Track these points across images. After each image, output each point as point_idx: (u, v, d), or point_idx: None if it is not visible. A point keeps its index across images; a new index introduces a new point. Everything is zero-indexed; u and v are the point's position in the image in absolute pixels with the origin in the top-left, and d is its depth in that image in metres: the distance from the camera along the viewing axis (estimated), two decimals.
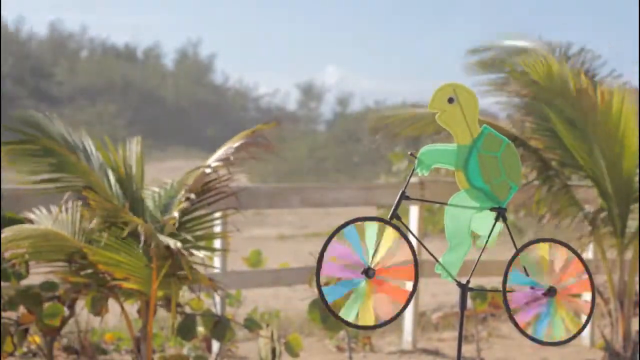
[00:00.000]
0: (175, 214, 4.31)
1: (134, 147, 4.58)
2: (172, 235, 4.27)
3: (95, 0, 60.84)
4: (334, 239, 2.07)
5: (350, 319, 2.07)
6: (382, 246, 2.09)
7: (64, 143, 4.42)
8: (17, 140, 4.37)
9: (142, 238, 4.01)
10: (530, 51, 5.73)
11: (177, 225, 4.33)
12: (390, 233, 2.09)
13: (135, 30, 71.34)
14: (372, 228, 2.09)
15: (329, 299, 2.05)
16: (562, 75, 5.23)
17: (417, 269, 2.11)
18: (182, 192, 4.43)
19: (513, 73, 5.48)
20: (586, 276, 2.16)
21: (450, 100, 2.14)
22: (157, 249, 4.12)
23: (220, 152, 4.47)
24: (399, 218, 2.13)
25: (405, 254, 2.10)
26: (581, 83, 5.19)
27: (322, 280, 2.06)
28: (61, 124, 4.52)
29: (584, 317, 2.18)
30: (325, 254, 2.06)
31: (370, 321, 2.08)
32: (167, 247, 4.11)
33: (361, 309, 2.08)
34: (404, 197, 2.14)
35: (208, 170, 4.41)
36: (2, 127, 4.35)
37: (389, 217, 2.12)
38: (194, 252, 4.28)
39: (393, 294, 2.09)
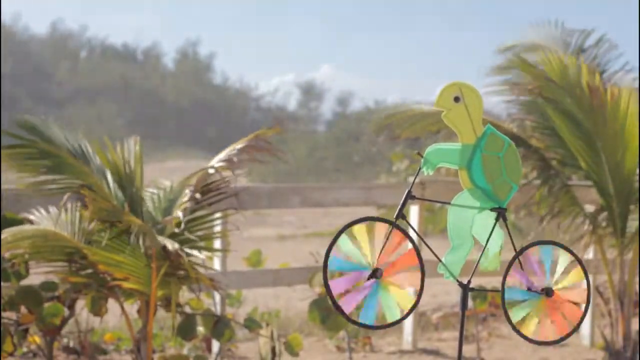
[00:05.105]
0: (180, 213, 4.31)
1: (133, 147, 4.58)
2: (173, 235, 4.27)
3: (96, 0, 60.84)
4: (334, 249, 2.07)
5: (369, 321, 2.06)
6: (388, 248, 2.09)
7: (62, 145, 4.43)
8: (16, 144, 4.38)
9: (133, 237, 4.01)
10: (544, 47, 5.73)
11: (183, 226, 4.32)
12: (397, 236, 2.09)
13: (135, 30, 71.38)
14: (378, 228, 2.09)
15: (336, 294, 2.05)
16: (576, 71, 5.23)
17: (424, 276, 2.11)
18: (186, 192, 4.43)
19: (526, 67, 5.47)
20: (585, 284, 2.17)
21: (456, 99, 2.14)
22: (156, 250, 4.12)
23: (223, 154, 4.48)
24: (404, 218, 2.12)
25: (412, 260, 2.10)
26: (594, 81, 5.19)
27: (330, 278, 2.06)
28: (58, 127, 4.52)
29: (578, 317, 2.18)
30: (331, 254, 2.06)
31: (397, 316, 2.08)
32: (164, 248, 4.11)
33: (386, 309, 2.08)
34: (410, 196, 2.14)
35: (211, 171, 4.41)
36: (1, 130, 4.36)
37: (394, 216, 2.12)
38: (194, 252, 4.28)
39: (399, 297, 2.09)
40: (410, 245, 2.11)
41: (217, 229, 5.05)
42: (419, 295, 2.11)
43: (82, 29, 43.97)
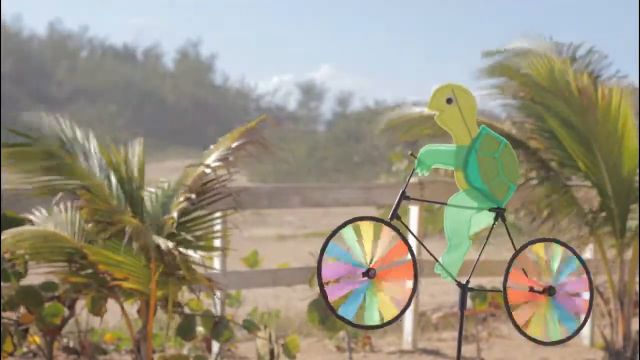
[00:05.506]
0: (174, 214, 4.31)
1: (136, 147, 4.58)
2: (170, 235, 4.26)
3: (95, 1, 60.83)
4: (333, 240, 2.06)
5: (362, 321, 2.05)
6: (379, 245, 2.08)
7: (63, 145, 4.42)
8: (17, 143, 4.37)
9: (127, 237, 4.01)
10: (535, 53, 5.73)
11: (175, 225, 4.32)
12: (385, 232, 2.08)
13: (136, 31, 71.43)
14: (368, 228, 2.08)
15: (332, 300, 2.04)
16: (564, 74, 5.24)
17: (416, 266, 2.10)
18: (181, 192, 4.42)
19: (513, 74, 5.49)
20: (585, 275, 2.16)
21: (449, 101, 2.13)
22: (153, 249, 4.12)
23: (218, 152, 4.45)
24: (399, 218, 2.12)
25: (403, 252, 2.09)
26: (583, 82, 5.19)
27: (324, 281, 2.05)
28: (66, 124, 4.52)
29: (582, 317, 2.18)
30: (325, 256, 2.05)
31: (376, 320, 2.07)
32: (158, 247, 4.10)
33: (367, 309, 2.07)
34: (404, 197, 2.13)
35: (208, 171, 4.40)
36: (2, 129, 4.36)
37: (389, 217, 2.11)
38: (191, 252, 4.26)
39: (396, 293, 2.08)
40: (409, 257, 2.10)
41: (217, 228, 5.05)
42: (414, 289, 2.09)
43: (83, 29, 44.03)
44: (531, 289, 2.14)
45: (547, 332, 2.14)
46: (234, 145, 4.42)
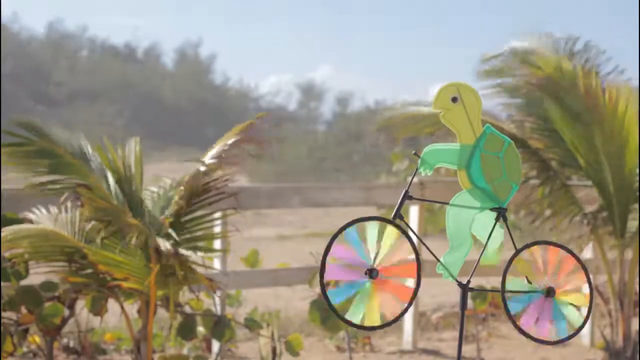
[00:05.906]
0: (169, 213, 4.30)
1: (133, 147, 4.57)
2: (168, 235, 4.26)
3: (95, 0, 60.84)
4: (336, 240, 2.06)
5: (357, 320, 2.05)
6: (383, 245, 2.08)
7: (63, 145, 4.42)
8: (17, 142, 4.37)
9: (134, 238, 4.00)
10: (536, 52, 5.74)
11: (174, 225, 4.31)
12: (391, 232, 2.08)
13: (136, 31, 71.47)
14: (373, 228, 2.08)
15: (334, 301, 2.04)
16: (572, 72, 5.25)
17: (420, 266, 2.10)
18: (177, 191, 4.41)
19: (524, 63, 5.47)
20: (585, 280, 2.17)
21: (454, 100, 2.13)
22: (152, 250, 4.12)
23: (214, 150, 4.43)
24: (401, 218, 2.11)
25: (407, 251, 2.09)
26: (590, 82, 5.20)
27: (326, 281, 2.05)
28: (58, 128, 4.52)
29: (582, 316, 2.18)
30: (328, 256, 2.05)
31: (376, 321, 2.06)
32: (157, 249, 4.10)
33: (367, 310, 2.06)
34: (407, 197, 2.13)
35: (203, 169, 4.37)
36: (1, 129, 4.35)
37: (392, 216, 2.11)
38: (191, 253, 4.26)
39: (397, 293, 2.08)
40: (411, 257, 2.09)
41: (217, 229, 5.05)
42: (416, 288, 2.09)
43: (82, 29, 44.01)
44: (530, 290, 2.14)
45: (547, 331, 2.14)
46: (230, 142, 4.39)
